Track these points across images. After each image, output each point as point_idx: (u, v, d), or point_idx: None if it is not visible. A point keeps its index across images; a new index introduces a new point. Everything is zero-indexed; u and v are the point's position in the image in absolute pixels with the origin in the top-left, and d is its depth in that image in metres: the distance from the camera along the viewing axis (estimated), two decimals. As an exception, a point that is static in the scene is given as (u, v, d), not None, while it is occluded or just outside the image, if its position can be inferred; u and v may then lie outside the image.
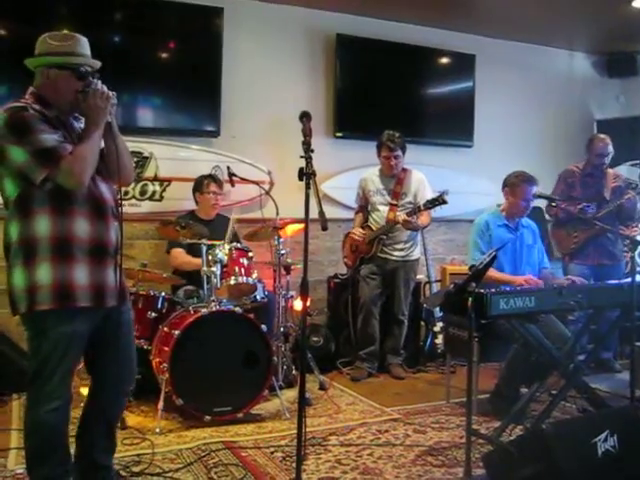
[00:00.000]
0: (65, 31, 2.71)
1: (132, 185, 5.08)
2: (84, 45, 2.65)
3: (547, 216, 5.67)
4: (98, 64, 2.67)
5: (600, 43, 6.84)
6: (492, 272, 3.84)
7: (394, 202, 5.06)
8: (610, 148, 5.20)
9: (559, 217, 5.24)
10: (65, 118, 2.64)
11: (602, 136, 5.29)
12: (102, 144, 2.66)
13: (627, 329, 4.12)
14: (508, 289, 3.48)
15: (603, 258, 5.16)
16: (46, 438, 2.60)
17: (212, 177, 5.05)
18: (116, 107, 2.65)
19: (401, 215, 4.88)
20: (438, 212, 5.29)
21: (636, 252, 4.45)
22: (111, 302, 2.65)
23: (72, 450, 2.77)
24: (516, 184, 4.30)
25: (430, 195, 4.90)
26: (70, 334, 2.56)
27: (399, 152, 5.01)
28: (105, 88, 2.59)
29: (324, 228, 2.77)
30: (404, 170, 5.14)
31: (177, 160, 5.33)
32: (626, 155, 6.41)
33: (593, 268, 5.15)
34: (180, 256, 4.81)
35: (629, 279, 3.53)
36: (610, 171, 5.32)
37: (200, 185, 4.98)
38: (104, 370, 2.78)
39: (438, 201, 4.73)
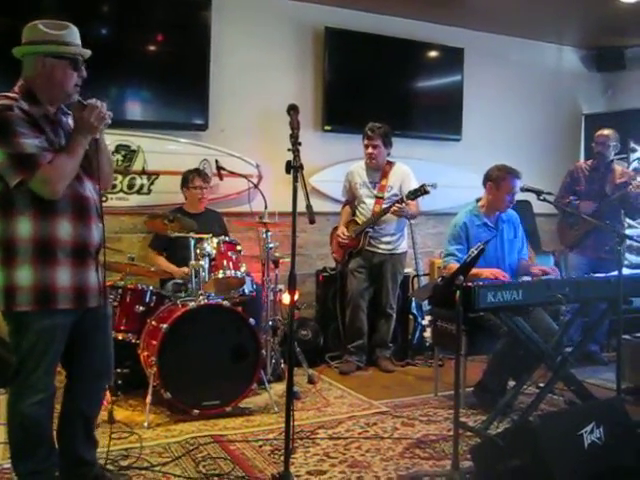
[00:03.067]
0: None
1: (120, 178, 5.07)
2: (77, 34, 2.63)
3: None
4: (89, 53, 2.65)
5: (588, 37, 6.85)
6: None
7: (380, 195, 5.06)
8: (610, 140, 5.25)
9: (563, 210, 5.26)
10: (54, 115, 2.61)
11: (605, 129, 5.37)
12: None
13: (615, 322, 4.15)
14: (496, 282, 3.49)
15: (601, 252, 5.19)
16: (30, 431, 2.60)
17: (197, 171, 5.01)
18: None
19: (393, 206, 4.87)
20: (427, 206, 5.29)
21: (623, 246, 4.47)
22: (93, 303, 2.65)
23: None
24: (501, 177, 4.20)
25: (415, 187, 4.90)
26: (52, 327, 2.55)
27: (378, 142, 5.00)
28: (104, 107, 2.58)
29: (311, 221, 2.76)
30: (389, 163, 5.14)
31: (165, 153, 5.29)
32: (614, 149, 6.44)
33: (592, 261, 5.18)
34: (157, 262, 4.79)
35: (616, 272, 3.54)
36: (618, 168, 5.38)
37: (186, 180, 4.96)
38: (81, 365, 2.76)
39: (420, 191, 4.74)
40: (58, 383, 2.73)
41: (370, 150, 5.02)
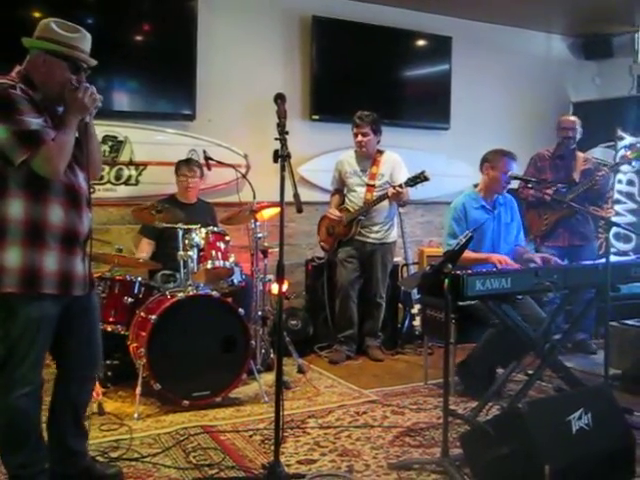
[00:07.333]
0: (64, 22, 2.63)
1: (107, 169, 5.05)
2: (88, 42, 2.63)
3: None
4: (94, 63, 2.65)
5: (576, 25, 6.86)
6: (466, 252, 3.81)
7: (371, 183, 5.06)
8: (577, 125, 5.25)
9: (529, 200, 5.26)
10: (49, 104, 2.60)
11: (569, 115, 5.40)
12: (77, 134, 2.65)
13: (602, 309, 4.17)
14: (484, 270, 3.49)
15: (574, 239, 5.20)
16: (18, 424, 2.59)
17: (186, 161, 5.00)
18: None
19: (390, 189, 4.86)
20: (416, 194, 5.28)
21: (611, 233, 4.48)
22: (78, 292, 2.65)
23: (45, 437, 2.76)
24: (497, 158, 4.25)
25: (406, 175, 4.89)
26: (39, 319, 2.54)
27: (367, 129, 5.00)
28: (95, 90, 2.59)
29: (299, 210, 2.77)
30: (379, 151, 5.14)
31: (153, 144, 5.27)
32: (601, 137, 6.46)
33: (564, 249, 5.17)
34: (142, 249, 4.82)
35: (603, 259, 3.55)
36: (580, 154, 5.37)
37: (176, 169, 4.97)
38: (69, 356, 2.76)
39: (420, 178, 4.71)
40: (47, 375, 2.72)
41: (360, 138, 5.02)
